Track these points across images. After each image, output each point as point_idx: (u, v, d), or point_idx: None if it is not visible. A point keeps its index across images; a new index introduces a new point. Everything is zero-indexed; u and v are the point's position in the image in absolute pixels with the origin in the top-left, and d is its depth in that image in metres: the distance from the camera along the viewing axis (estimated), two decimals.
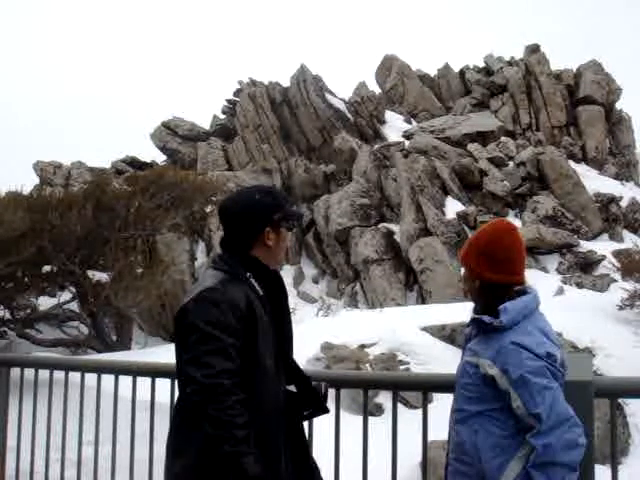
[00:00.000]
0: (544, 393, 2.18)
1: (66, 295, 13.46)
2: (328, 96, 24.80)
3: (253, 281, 2.44)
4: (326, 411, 2.63)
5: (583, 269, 16.75)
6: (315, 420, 2.88)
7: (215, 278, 2.40)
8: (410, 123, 25.39)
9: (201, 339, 2.26)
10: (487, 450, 2.29)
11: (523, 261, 2.50)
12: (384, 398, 7.44)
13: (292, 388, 2.56)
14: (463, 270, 2.58)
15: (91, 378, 3.88)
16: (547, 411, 2.17)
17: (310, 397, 2.59)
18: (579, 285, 15.57)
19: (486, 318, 2.34)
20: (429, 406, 3.04)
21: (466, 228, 18.32)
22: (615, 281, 15.04)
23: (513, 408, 2.24)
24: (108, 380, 3.80)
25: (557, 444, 2.14)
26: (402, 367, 8.27)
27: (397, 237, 18.55)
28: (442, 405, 3.23)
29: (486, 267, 2.43)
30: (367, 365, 8.22)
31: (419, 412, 3.10)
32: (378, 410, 7.41)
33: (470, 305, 2.57)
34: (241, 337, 2.31)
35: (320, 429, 3.10)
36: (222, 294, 2.33)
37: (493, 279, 2.42)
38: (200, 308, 2.31)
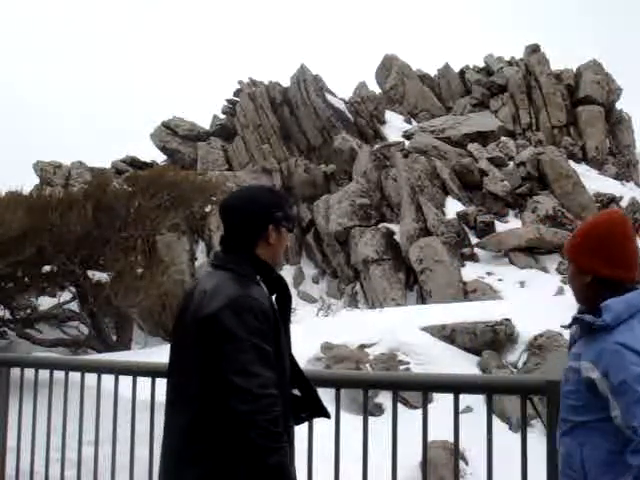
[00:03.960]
0: None
1: (66, 295, 13.44)
2: (328, 96, 24.80)
3: (262, 283, 2.42)
4: (327, 416, 2.62)
5: None
6: (315, 420, 2.88)
7: (236, 282, 2.33)
8: (410, 123, 25.40)
9: (245, 349, 2.20)
10: (595, 466, 2.07)
11: (637, 255, 2.25)
12: (384, 398, 7.43)
13: (296, 392, 2.53)
14: (570, 267, 2.33)
15: (91, 378, 3.88)
16: None
17: (311, 401, 2.57)
18: None
19: (588, 317, 2.13)
20: (429, 406, 3.04)
21: (466, 228, 18.33)
22: None
23: (612, 417, 2.01)
24: (108, 380, 3.80)
25: None
26: (402, 367, 8.26)
27: (397, 237, 18.54)
28: (442, 405, 3.23)
29: (602, 262, 2.19)
30: (367, 365, 8.22)
31: (419, 412, 3.10)
32: (378, 410, 7.40)
33: (470, 305, 2.57)
34: (272, 343, 2.29)
35: (320, 429, 3.10)
36: (254, 300, 2.28)
37: (609, 275, 2.18)
38: (238, 316, 2.23)
